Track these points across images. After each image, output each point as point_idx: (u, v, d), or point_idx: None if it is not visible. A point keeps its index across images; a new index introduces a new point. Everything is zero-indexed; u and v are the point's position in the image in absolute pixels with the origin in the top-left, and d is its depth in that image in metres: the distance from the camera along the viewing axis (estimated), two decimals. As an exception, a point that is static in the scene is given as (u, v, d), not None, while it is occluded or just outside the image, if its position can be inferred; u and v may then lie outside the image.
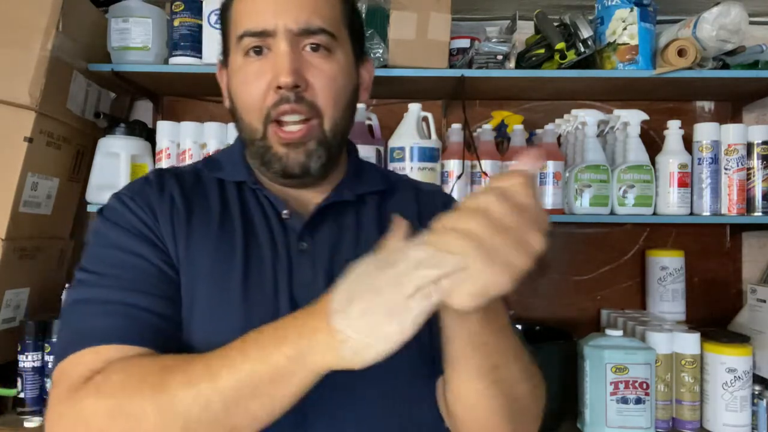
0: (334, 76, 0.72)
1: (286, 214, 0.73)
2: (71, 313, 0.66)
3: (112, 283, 0.65)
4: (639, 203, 1.53)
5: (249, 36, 0.71)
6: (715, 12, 1.45)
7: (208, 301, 0.68)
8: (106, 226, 0.70)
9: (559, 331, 1.54)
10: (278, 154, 0.72)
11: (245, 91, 0.71)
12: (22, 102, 1.37)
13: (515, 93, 1.75)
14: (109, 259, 0.68)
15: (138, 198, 0.72)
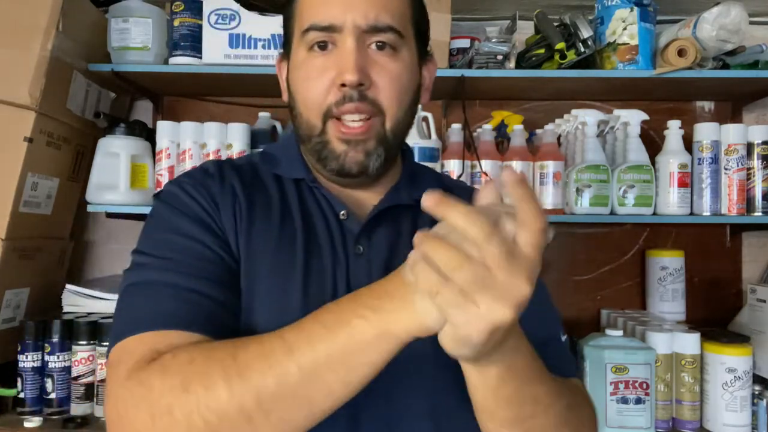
0: (399, 76, 0.71)
1: (344, 214, 0.72)
2: (132, 295, 0.65)
3: (175, 267, 0.64)
4: (639, 203, 1.53)
5: (315, 30, 0.69)
6: (715, 12, 1.45)
7: (269, 296, 0.67)
8: (166, 210, 0.69)
9: (559, 331, 1.54)
10: (336, 151, 0.70)
11: (307, 86, 0.70)
12: (22, 102, 1.37)
13: (515, 93, 1.75)
14: (170, 243, 0.66)
15: (200, 186, 0.71)
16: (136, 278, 0.66)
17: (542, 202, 1.55)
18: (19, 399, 1.41)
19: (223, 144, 1.55)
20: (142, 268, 0.66)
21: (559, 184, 1.55)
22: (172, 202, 0.70)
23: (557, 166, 1.55)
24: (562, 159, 1.57)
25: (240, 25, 1.50)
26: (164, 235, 0.68)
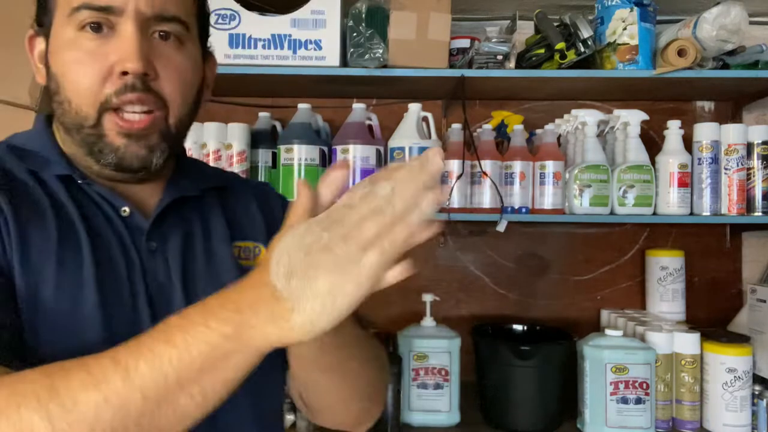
0: (185, 69, 0.66)
1: (125, 211, 0.66)
2: None
3: None
4: (639, 203, 1.53)
5: (89, 9, 0.61)
6: (715, 12, 1.45)
7: (56, 312, 0.59)
8: None
9: (559, 331, 1.54)
10: (114, 145, 0.63)
11: (78, 71, 0.62)
12: (22, 102, 1.37)
13: (515, 93, 1.75)
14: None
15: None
16: None
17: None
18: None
19: (223, 144, 1.55)
20: None
21: (559, 184, 1.55)
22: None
23: (557, 166, 1.55)
24: (562, 159, 1.57)
25: (240, 25, 1.50)
26: None
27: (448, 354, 1.45)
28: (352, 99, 1.69)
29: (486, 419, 1.47)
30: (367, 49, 1.50)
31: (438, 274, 1.82)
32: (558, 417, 1.44)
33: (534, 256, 1.82)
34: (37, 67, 0.69)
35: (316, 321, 0.45)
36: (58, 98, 0.64)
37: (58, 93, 0.64)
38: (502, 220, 1.53)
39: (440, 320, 1.56)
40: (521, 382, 1.40)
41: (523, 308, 1.80)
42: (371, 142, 1.54)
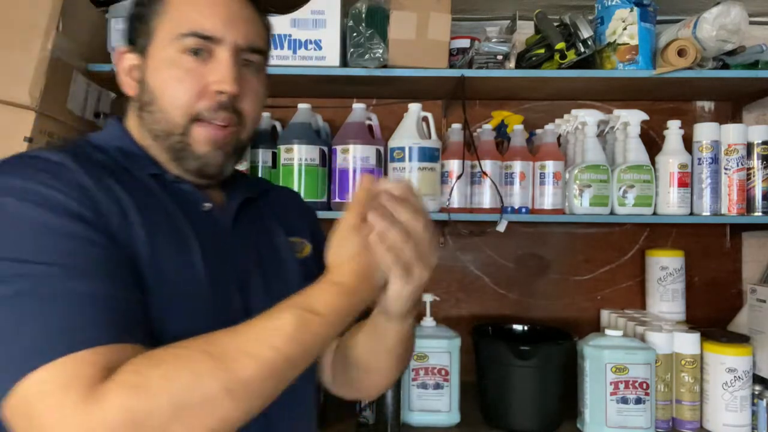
0: (261, 93, 0.79)
1: (206, 206, 0.76)
2: (32, 307, 0.55)
3: (80, 273, 0.57)
4: (639, 203, 1.53)
5: (196, 37, 0.72)
6: (715, 12, 1.45)
7: (178, 291, 0.67)
8: (28, 208, 0.60)
9: (559, 331, 1.54)
10: (198, 152, 0.74)
11: (177, 87, 0.72)
12: (22, 102, 1.37)
13: (515, 93, 1.75)
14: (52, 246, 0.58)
15: (66, 180, 0.64)
16: (27, 287, 0.55)
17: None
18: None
19: (223, 144, 1.55)
20: (29, 279, 0.56)
21: (559, 184, 1.55)
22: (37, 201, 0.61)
23: (557, 166, 1.55)
24: (562, 159, 1.57)
25: (240, 25, 1.50)
26: (42, 239, 0.59)
27: (448, 354, 1.45)
28: (352, 99, 1.69)
29: (486, 419, 1.47)
30: (367, 49, 1.50)
31: (438, 274, 1.81)
32: (558, 417, 1.44)
33: (534, 256, 1.82)
34: (124, 80, 0.77)
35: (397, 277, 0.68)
36: (150, 108, 0.74)
37: (152, 104, 0.73)
38: (502, 220, 1.53)
39: (440, 320, 1.56)
40: (521, 382, 1.40)
41: (523, 308, 1.80)
42: (371, 142, 1.54)
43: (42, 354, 0.52)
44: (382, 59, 1.50)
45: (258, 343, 0.57)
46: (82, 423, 0.50)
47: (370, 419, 1.43)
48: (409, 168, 1.52)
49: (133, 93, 0.76)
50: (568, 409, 1.45)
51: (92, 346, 0.53)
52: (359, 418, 1.44)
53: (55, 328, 0.54)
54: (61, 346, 0.52)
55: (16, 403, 0.52)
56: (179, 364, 0.54)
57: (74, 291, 0.56)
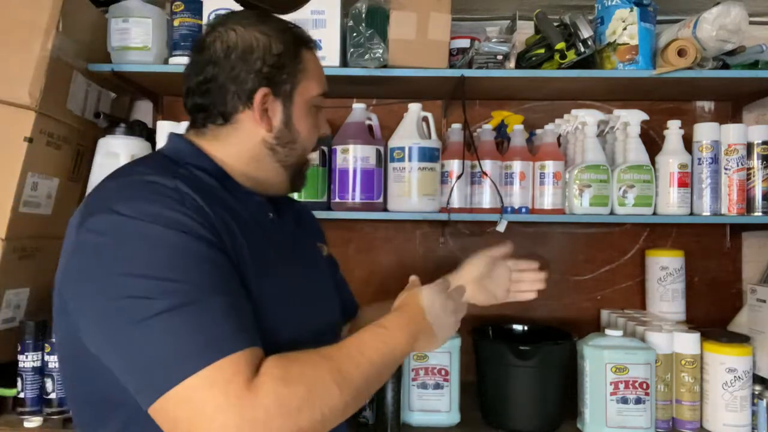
0: None
1: (270, 215, 0.92)
2: (191, 318, 0.66)
3: (220, 289, 0.70)
4: (639, 203, 1.53)
5: (323, 97, 0.93)
6: (715, 12, 1.45)
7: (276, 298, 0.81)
8: (168, 234, 0.70)
9: (559, 331, 1.54)
10: (305, 176, 0.97)
11: (312, 132, 0.93)
12: (22, 102, 1.37)
13: (515, 93, 1.75)
14: (191, 268, 0.69)
15: (189, 206, 0.74)
16: (176, 303, 0.66)
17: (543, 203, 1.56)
18: (19, 399, 1.41)
19: (223, 144, 1.55)
20: (178, 295, 0.67)
21: (559, 184, 1.55)
22: (168, 224, 0.71)
23: (557, 166, 1.55)
24: (562, 159, 1.57)
25: (240, 25, 1.50)
26: (182, 261, 0.70)
27: (448, 354, 1.45)
28: (352, 99, 1.69)
29: (486, 419, 1.47)
30: (367, 49, 1.50)
31: (438, 274, 1.80)
32: (558, 417, 1.44)
33: (534, 256, 1.82)
34: (264, 118, 0.87)
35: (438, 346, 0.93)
36: (291, 145, 0.90)
37: (294, 141, 0.90)
38: (502, 220, 1.53)
39: (440, 320, 1.55)
40: (521, 382, 1.40)
41: (523, 308, 1.79)
42: (371, 142, 1.54)
43: (202, 358, 0.64)
44: (382, 59, 1.50)
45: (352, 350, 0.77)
46: (246, 407, 0.63)
47: (370, 419, 1.43)
48: (409, 168, 1.52)
49: (269, 129, 0.87)
50: (568, 409, 1.45)
51: (240, 350, 0.66)
52: (359, 418, 1.44)
53: (208, 336, 0.65)
54: (217, 351, 0.64)
55: (179, 400, 0.63)
56: (307, 364, 0.70)
57: (214, 306, 0.67)
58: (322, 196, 1.55)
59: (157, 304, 0.65)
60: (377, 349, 0.78)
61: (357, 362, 0.75)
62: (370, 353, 0.77)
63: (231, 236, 0.77)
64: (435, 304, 0.91)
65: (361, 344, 0.78)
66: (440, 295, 0.93)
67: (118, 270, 0.68)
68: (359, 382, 0.74)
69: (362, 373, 0.74)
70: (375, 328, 0.82)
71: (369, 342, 0.79)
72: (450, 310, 0.94)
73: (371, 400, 1.43)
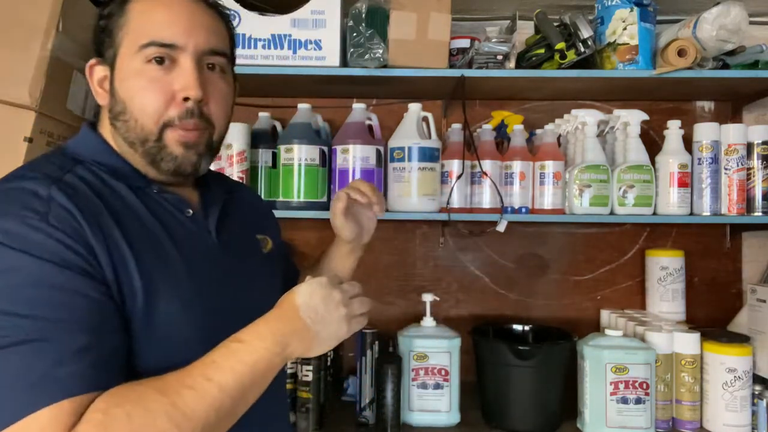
0: (227, 94, 0.83)
1: (189, 212, 0.82)
2: (13, 364, 0.59)
3: (60, 327, 0.61)
4: (639, 203, 1.53)
5: (157, 46, 0.75)
6: (715, 12, 1.45)
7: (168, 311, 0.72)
8: (21, 259, 0.62)
9: (559, 331, 1.54)
10: (173, 154, 0.77)
11: (145, 96, 0.75)
12: (22, 102, 1.37)
13: (515, 93, 1.75)
14: (42, 300, 0.62)
15: (57, 221, 0.65)
16: (14, 341, 0.59)
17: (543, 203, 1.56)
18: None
19: (223, 144, 1.54)
20: (21, 331, 0.60)
21: (559, 184, 1.55)
22: (26, 249, 0.63)
23: (557, 166, 1.55)
24: (562, 159, 1.57)
25: (240, 25, 1.50)
26: (31, 291, 0.62)
27: (448, 354, 1.45)
28: (352, 99, 1.69)
29: (486, 419, 1.47)
30: (367, 49, 1.50)
31: (438, 274, 1.82)
32: (558, 417, 1.44)
33: (534, 256, 1.82)
34: (97, 91, 0.80)
35: (322, 350, 0.76)
36: (123, 117, 0.76)
37: (124, 113, 0.76)
38: (502, 220, 1.53)
39: (440, 320, 1.56)
40: (521, 382, 1.40)
41: (523, 308, 1.80)
42: (371, 142, 1.54)
43: (25, 405, 0.57)
44: (382, 59, 1.50)
45: (196, 377, 0.65)
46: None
47: (370, 419, 1.43)
48: (409, 168, 1.52)
49: (105, 103, 0.79)
50: (568, 409, 1.45)
51: (68, 396, 0.58)
52: (359, 418, 1.44)
53: (34, 381, 0.58)
54: (40, 398, 0.58)
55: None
56: (137, 403, 0.61)
57: (59, 345, 0.60)
58: (322, 196, 1.55)
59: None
60: (231, 370, 0.66)
61: (202, 392, 0.64)
62: (221, 377, 0.65)
63: (111, 252, 0.67)
64: (314, 298, 0.75)
65: (209, 368, 0.66)
66: (323, 287, 0.76)
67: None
68: (206, 414, 0.63)
69: (209, 404, 0.64)
70: (229, 344, 0.69)
71: (220, 363, 0.67)
72: (336, 302, 0.76)
73: (371, 400, 1.43)
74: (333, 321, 0.76)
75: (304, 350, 0.74)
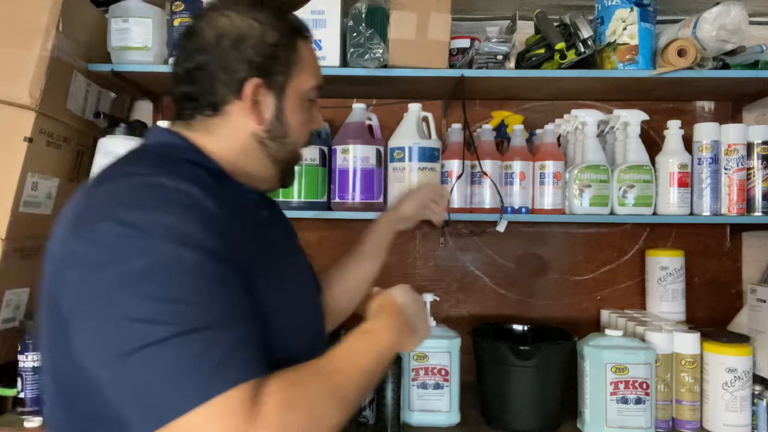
0: None
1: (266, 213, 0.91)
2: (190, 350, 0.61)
3: (226, 315, 0.65)
4: (639, 203, 1.53)
5: (318, 89, 0.89)
6: (715, 12, 1.45)
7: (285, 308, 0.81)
8: (181, 251, 0.65)
9: (559, 331, 1.54)
10: (294, 171, 0.94)
11: (304, 127, 0.89)
12: (22, 102, 1.37)
13: (515, 93, 1.75)
14: (205, 289, 0.64)
15: (203, 216, 0.69)
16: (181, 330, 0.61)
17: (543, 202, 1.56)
18: (19, 399, 1.41)
19: (223, 144, 1.55)
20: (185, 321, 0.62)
21: (559, 184, 1.55)
22: (181, 239, 0.65)
23: (557, 166, 1.55)
24: (562, 159, 1.57)
25: (240, 25, 1.50)
26: (195, 281, 0.64)
27: (448, 354, 1.45)
28: (352, 99, 1.69)
29: (486, 419, 1.47)
30: (367, 49, 1.50)
31: (438, 274, 1.82)
32: (558, 417, 1.44)
33: (534, 256, 1.82)
34: (255, 110, 0.82)
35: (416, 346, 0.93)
36: (282, 140, 0.86)
37: (284, 137, 0.86)
38: (502, 220, 1.53)
39: (440, 320, 1.56)
40: (521, 382, 1.40)
41: (523, 308, 1.80)
42: (371, 142, 1.54)
43: (207, 389, 0.60)
44: (382, 59, 1.50)
45: (341, 362, 0.75)
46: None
47: (370, 419, 1.43)
48: (409, 168, 1.52)
49: (263, 125, 0.83)
50: (568, 409, 1.45)
51: (245, 380, 0.62)
52: (359, 418, 1.44)
53: (213, 366, 0.61)
54: (221, 382, 0.61)
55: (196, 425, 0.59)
56: (305, 385, 0.67)
57: (224, 332, 0.63)
58: (322, 196, 1.55)
59: (164, 330, 0.60)
60: (367, 356, 0.77)
61: (350, 375, 0.73)
62: (360, 361, 0.76)
63: (237, 243, 0.71)
64: (409, 301, 0.92)
65: (350, 353, 0.76)
66: (411, 290, 0.95)
67: (125, 290, 0.62)
68: (354, 394, 0.73)
69: (356, 385, 0.73)
70: (361, 334, 0.81)
71: (357, 349, 0.78)
72: (422, 303, 0.96)
73: (371, 400, 1.43)
74: (423, 320, 0.94)
75: (408, 344, 0.89)
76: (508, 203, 1.55)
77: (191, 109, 0.83)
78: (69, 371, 0.69)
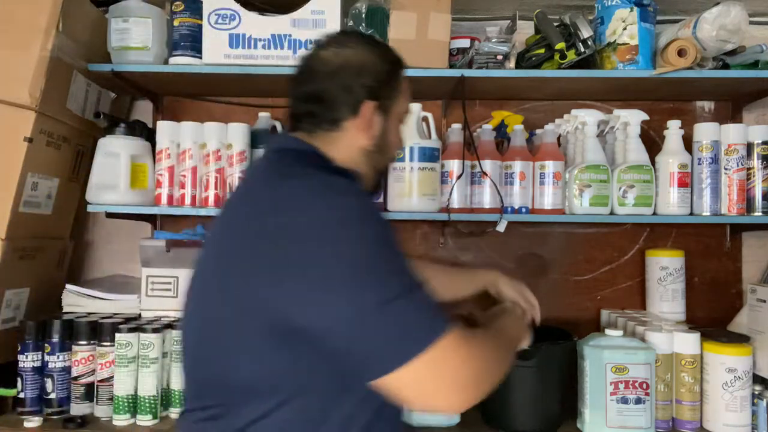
0: None
1: None
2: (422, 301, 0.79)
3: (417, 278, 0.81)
4: (639, 203, 1.53)
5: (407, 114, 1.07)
6: (715, 12, 1.45)
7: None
8: (380, 226, 0.83)
9: (559, 331, 1.54)
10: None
11: (399, 145, 1.07)
12: (22, 102, 1.37)
13: (515, 93, 1.75)
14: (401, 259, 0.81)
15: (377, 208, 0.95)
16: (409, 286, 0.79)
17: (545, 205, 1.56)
18: (19, 399, 1.41)
19: (223, 144, 1.55)
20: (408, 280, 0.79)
21: (559, 184, 1.55)
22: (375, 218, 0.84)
23: (557, 166, 1.55)
24: (562, 159, 1.57)
25: (240, 25, 1.50)
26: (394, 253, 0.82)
27: (448, 354, 1.45)
28: (352, 99, 1.68)
29: (486, 419, 1.47)
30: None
31: (438, 274, 1.81)
32: (558, 417, 1.44)
33: (534, 256, 1.82)
34: (368, 128, 0.96)
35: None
36: (383, 152, 1.01)
37: (385, 150, 1.02)
38: (502, 220, 1.53)
39: (440, 320, 1.55)
40: (521, 382, 1.40)
41: (523, 308, 1.80)
42: (371, 142, 1.54)
43: (440, 327, 0.77)
44: (382, 59, 1.50)
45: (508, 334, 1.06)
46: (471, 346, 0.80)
47: (370, 419, 1.43)
48: (409, 168, 1.52)
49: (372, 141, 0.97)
50: (568, 409, 1.45)
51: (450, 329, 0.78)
52: (359, 418, 1.44)
53: (432, 314, 0.79)
54: (445, 323, 0.78)
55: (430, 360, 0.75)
56: (480, 337, 0.87)
57: (424, 291, 0.80)
58: (322, 196, 1.55)
59: (395, 287, 0.76)
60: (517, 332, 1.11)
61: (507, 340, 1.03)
62: (514, 333, 1.09)
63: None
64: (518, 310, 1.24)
65: (509, 326, 1.09)
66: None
67: (365, 249, 0.78)
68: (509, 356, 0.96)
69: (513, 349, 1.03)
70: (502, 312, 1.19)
71: (506, 323, 1.11)
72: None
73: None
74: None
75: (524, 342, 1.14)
76: (508, 203, 1.55)
77: (312, 123, 0.96)
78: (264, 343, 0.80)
